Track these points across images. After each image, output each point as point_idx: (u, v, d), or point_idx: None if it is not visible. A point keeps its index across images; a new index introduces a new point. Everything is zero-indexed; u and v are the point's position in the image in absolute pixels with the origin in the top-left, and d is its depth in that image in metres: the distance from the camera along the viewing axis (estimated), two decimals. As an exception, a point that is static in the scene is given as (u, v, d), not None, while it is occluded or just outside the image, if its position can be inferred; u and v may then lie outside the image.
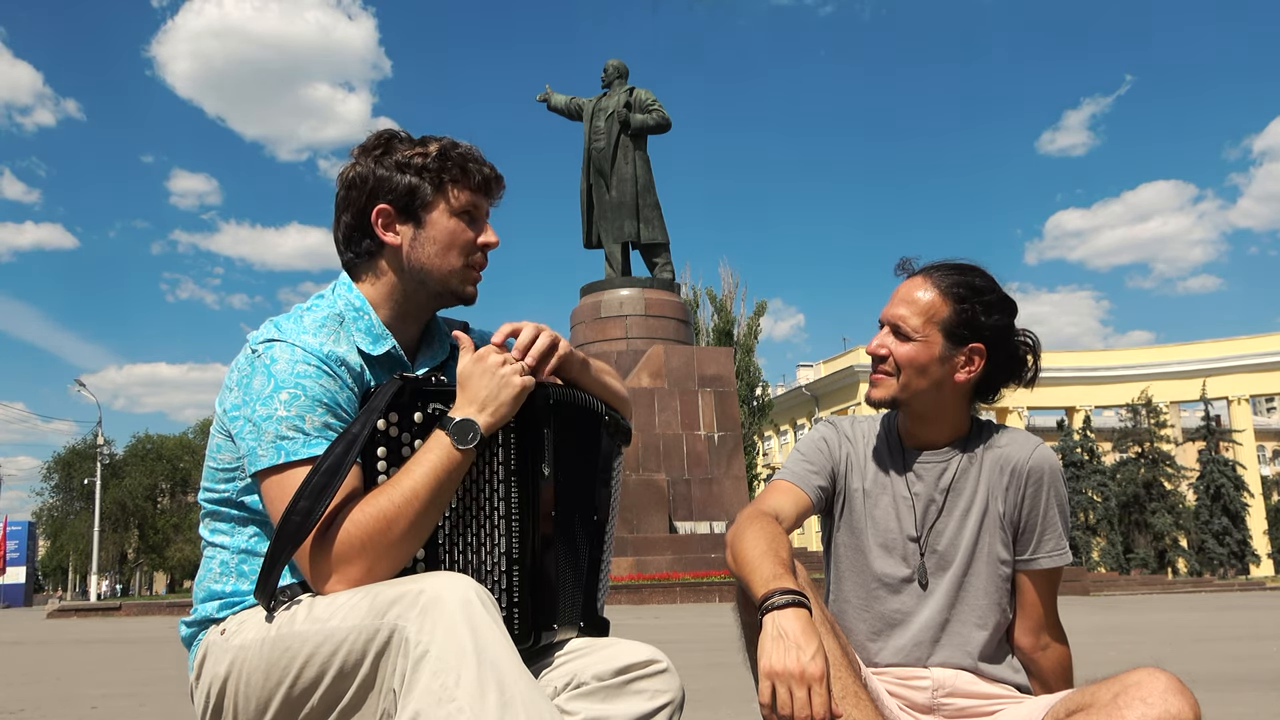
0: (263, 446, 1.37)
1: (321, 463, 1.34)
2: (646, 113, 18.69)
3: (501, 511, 1.45)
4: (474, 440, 1.39)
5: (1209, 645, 7.23)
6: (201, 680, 1.41)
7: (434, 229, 1.52)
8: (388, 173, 1.51)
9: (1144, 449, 40.60)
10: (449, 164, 1.52)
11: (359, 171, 1.53)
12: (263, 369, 1.41)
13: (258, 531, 1.47)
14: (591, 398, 1.60)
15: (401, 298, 1.55)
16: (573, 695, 1.42)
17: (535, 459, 1.47)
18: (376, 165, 1.52)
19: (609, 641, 1.51)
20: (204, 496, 1.52)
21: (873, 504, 1.81)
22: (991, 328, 1.73)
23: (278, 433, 1.37)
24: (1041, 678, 1.79)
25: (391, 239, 1.52)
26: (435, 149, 1.53)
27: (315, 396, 1.39)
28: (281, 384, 1.39)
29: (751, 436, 33.48)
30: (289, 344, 1.42)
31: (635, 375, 16.92)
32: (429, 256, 1.52)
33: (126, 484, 48.93)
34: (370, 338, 1.50)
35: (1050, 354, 12.86)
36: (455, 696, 1.18)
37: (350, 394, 1.44)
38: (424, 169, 1.51)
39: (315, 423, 1.39)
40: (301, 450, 1.37)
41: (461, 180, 1.53)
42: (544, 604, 1.48)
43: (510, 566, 1.44)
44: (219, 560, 1.48)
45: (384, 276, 1.54)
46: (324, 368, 1.41)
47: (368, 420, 1.39)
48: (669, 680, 1.45)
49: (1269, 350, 45.34)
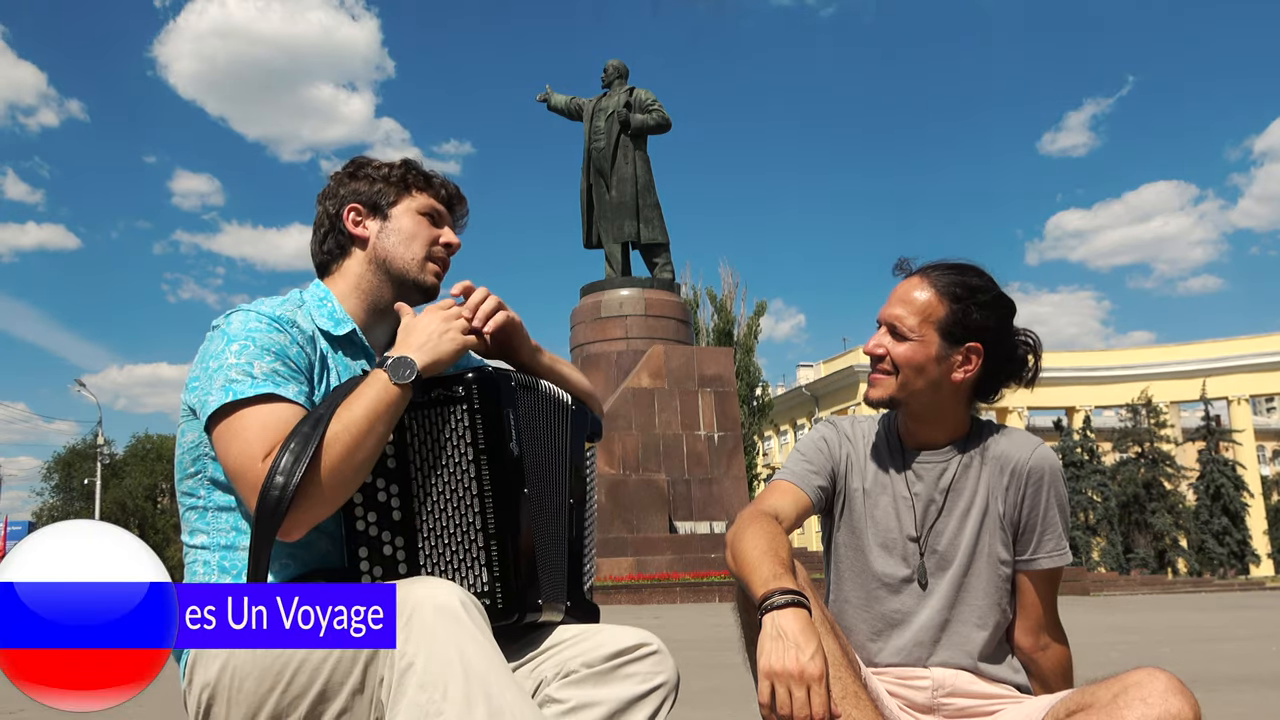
0: (213, 393, 1.42)
1: (290, 440, 1.36)
2: (646, 113, 18.68)
3: (475, 490, 1.47)
4: (410, 376, 1.43)
5: (1209, 645, 7.23)
6: (193, 685, 1.41)
7: (398, 222, 1.65)
8: (358, 183, 1.67)
9: (1144, 449, 40.59)
10: (412, 172, 1.69)
11: (331, 186, 1.69)
12: (220, 334, 1.49)
13: (235, 525, 1.48)
14: (554, 387, 1.67)
15: (367, 287, 1.63)
16: (563, 684, 1.43)
17: (502, 437, 1.50)
18: (348, 179, 1.69)
19: (599, 628, 1.52)
20: (180, 490, 1.54)
21: (873, 504, 1.81)
22: (988, 327, 1.73)
23: (226, 378, 1.42)
24: (1041, 678, 1.79)
25: (361, 231, 1.65)
26: (400, 161, 1.71)
27: (264, 346, 1.46)
28: (233, 339, 1.46)
29: (751, 436, 33.48)
30: (244, 310, 1.51)
31: (635, 375, 16.91)
32: (394, 245, 1.64)
33: (127, 484, 48.95)
34: (332, 320, 1.59)
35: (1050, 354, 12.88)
36: (443, 710, 1.19)
37: (300, 350, 1.50)
38: (388, 178, 1.68)
39: (263, 368, 1.44)
40: (249, 389, 1.41)
41: (425, 187, 1.69)
42: (525, 580, 1.48)
43: (488, 542, 1.46)
44: (201, 562, 1.49)
45: (352, 269, 1.65)
46: (275, 325, 1.49)
47: (334, 403, 1.42)
48: (660, 662, 1.46)
49: (1269, 350, 45.32)
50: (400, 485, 1.48)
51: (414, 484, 1.48)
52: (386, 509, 1.47)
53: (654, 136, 19.18)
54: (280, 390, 1.43)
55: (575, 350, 18.31)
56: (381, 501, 1.47)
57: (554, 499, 1.61)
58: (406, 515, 1.47)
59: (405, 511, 1.47)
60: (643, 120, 18.64)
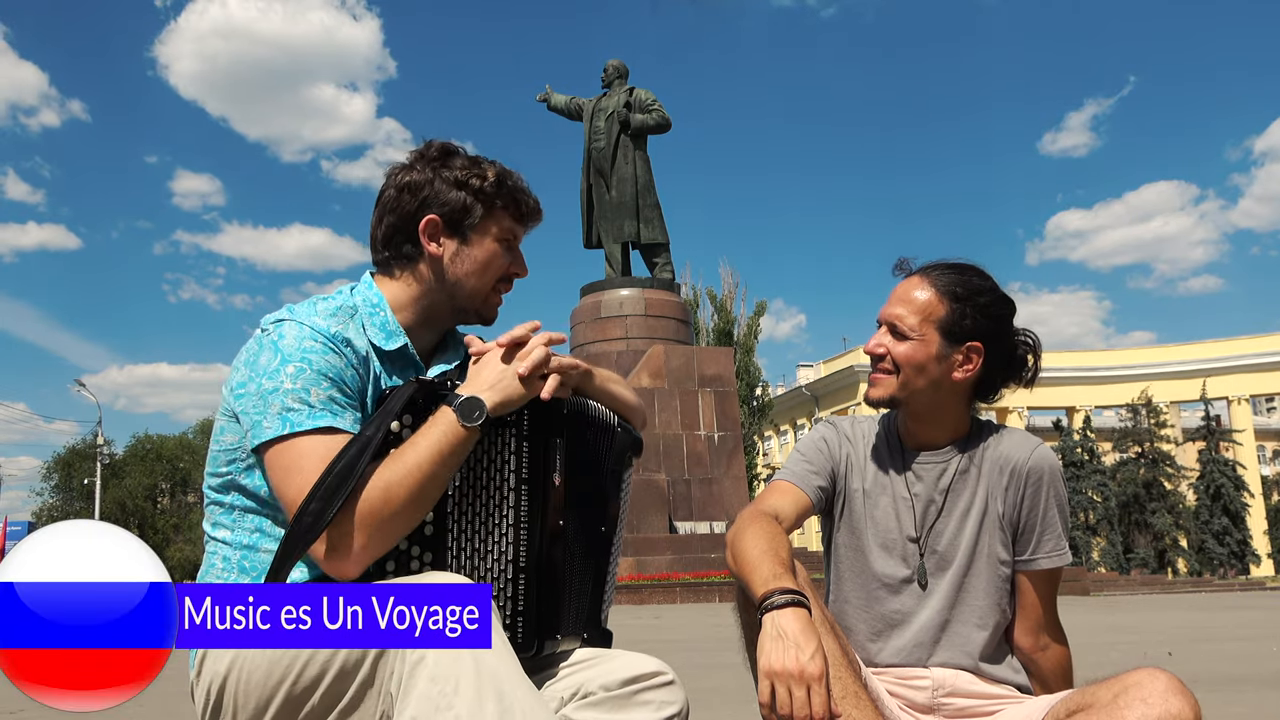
0: (268, 419, 1.38)
1: (335, 464, 1.34)
2: (646, 113, 18.68)
3: (511, 519, 1.45)
4: (479, 419, 1.39)
5: (1209, 645, 7.23)
6: (202, 678, 1.41)
7: (477, 249, 1.56)
8: (445, 186, 1.55)
9: (1144, 449, 40.59)
10: (503, 190, 1.57)
11: (415, 178, 1.56)
12: (270, 345, 1.43)
13: (259, 526, 1.47)
14: (604, 409, 1.61)
15: (428, 305, 1.58)
16: (580, 705, 1.43)
17: (547, 468, 1.48)
18: (434, 175, 1.55)
19: (614, 653, 1.52)
20: (207, 484, 1.52)
21: (872, 504, 1.81)
22: (988, 326, 1.73)
23: (283, 405, 1.38)
24: (1041, 678, 1.79)
25: (434, 249, 1.55)
26: (493, 174, 1.57)
27: (321, 370, 1.41)
28: (288, 358, 1.41)
29: (751, 436, 33.48)
30: (298, 322, 1.45)
31: (635, 375, 16.91)
32: (466, 274, 1.56)
33: (126, 484, 48.94)
34: (384, 333, 1.53)
35: (1050, 354, 12.86)
36: (453, 704, 1.19)
37: (355, 374, 1.46)
38: (480, 191, 1.55)
39: (320, 396, 1.40)
40: (306, 422, 1.38)
41: (510, 209, 1.58)
42: (548, 613, 1.48)
43: (516, 574, 1.45)
44: (221, 556, 1.48)
45: (416, 282, 1.57)
46: (330, 345, 1.44)
47: (382, 422, 1.39)
48: (675, 692, 1.47)
49: (1269, 350, 45.31)
50: (437, 503, 1.44)
51: (450, 501, 1.44)
52: (420, 524, 1.43)
53: (654, 136, 19.18)
54: (337, 422, 1.40)
55: (575, 350, 18.30)
56: None
57: (589, 529, 1.58)
58: (439, 533, 1.43)
59: (438, 528, 1.43)
60: (643, 120, 18.64)
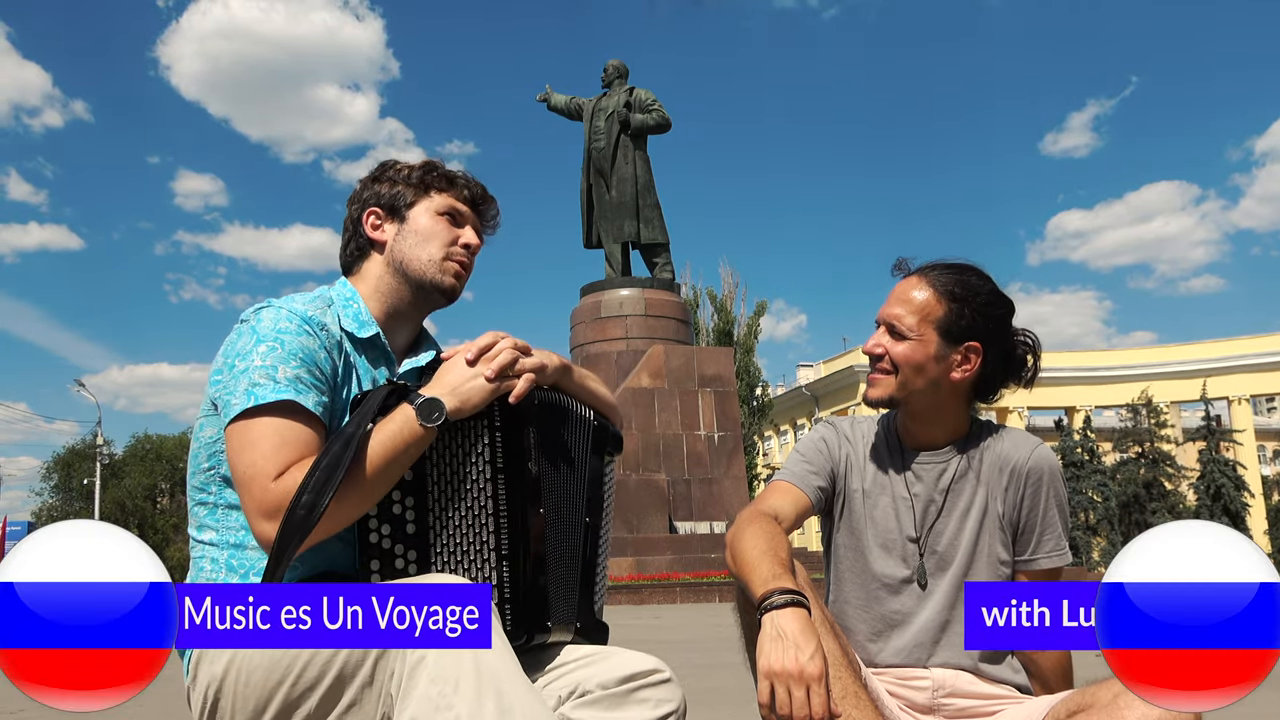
0: (236, 395, 1.41)
1: (321, 459, 1.35)
2: (646, 113, 18.68)
3: (490, 510, 1.47)
4: (438, 419, 1.42)
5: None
6: (198, 681, 1.41)
7: (414, 224, 1.64)
8: (379, 185, 1.67)
9: (1144, 449, 40.59)
10: (433, 173, 1.67)
11: (356, 190, 1.69)
12: (249, 330, 1.48)
13: (244, 523, 1.47)
14: (578, 403, 1.64)
15: (388, 290, 1.63)
16: (577, 704, 1.44)
17: (521, 457, 1.50)
18: (372, 183, 1.68)
19: (611, 651, 1.53)
20: (190, 486, 1.53)
21: (872, 504, 1.81)
22: (987, 326, 1.73)
23: (250, 380, 1.41)
24: (1041, 678, 1.79)
25: (379, 235, 1.64)
26: (422, 162, 1.69)
27: (292, 350, 1.45)
28: (262, 339, 1.45)
29: (751, 436, 33.48)
30: (275, 307, 1.50)
31: (635, 375, 16.91)
32: (410, 247, 1.62)
33: (126, 484, 48.92)
34: (357, 322, 1.58)
35: (1050, 354, 12.87)
36: (453, 704, 1.19)
37: (327, 356, 1.49)
38: (409, 178, 1.67)
39: (287, 373, 1.43)
40: (269, 395, 1.40)
41: (446, 188, 1.67)
42: (536, 602, 1.49)
43: (500, 563, 1.46)
44: (209, 558, 1.49)
45: (372, 272, 1.64)
46: (305, 327, 1.48)
47: (361, 421, 1.41)
48: (672, 690, 1.48)
49: (1270, 350, 45.29)
50: (417, 499, 1.46)
51: (430, 498, 1.46)
52: (401, 522, 1.45)
53: (654, 136, 19.17)
54: (300, 399, 1.41)
55: (575, 350, 18.31)
56: (397, 514, 1.46)
57: (570, 518, 1.60)
58: (421, 530, 1.45)
59: (420, 525, 1.45)
60: (643, 120, 18.64)
